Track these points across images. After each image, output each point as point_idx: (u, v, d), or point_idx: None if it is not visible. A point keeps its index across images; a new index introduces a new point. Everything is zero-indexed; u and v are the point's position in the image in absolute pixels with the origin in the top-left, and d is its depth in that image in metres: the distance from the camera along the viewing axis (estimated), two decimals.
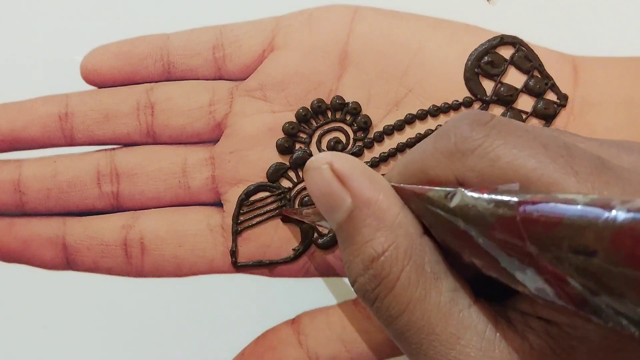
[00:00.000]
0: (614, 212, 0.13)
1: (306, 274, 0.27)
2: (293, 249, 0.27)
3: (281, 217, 0.27)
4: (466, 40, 0.28)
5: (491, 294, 0.17)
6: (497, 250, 0.15)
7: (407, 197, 0.18)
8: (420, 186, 0.18)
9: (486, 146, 0.16)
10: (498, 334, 0.17)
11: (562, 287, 0.14)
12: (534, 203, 0.14)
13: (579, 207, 0.13)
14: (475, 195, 0.15)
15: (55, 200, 0.28)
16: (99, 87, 0.28)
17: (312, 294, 0.27)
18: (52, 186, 0.28)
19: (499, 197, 0.15)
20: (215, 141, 0.28)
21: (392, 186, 0.19)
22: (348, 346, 0.27)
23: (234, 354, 0.27)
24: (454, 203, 0.16)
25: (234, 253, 0.27)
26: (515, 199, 0.15)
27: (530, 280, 0.15)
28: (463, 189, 0.16)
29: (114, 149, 0.28)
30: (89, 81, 0.28)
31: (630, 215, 0.12)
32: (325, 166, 0.19)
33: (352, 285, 0.18)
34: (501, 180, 0.16)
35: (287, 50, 0.28)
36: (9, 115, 0.28)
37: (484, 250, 0.15)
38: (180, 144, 0.28)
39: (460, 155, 0.17)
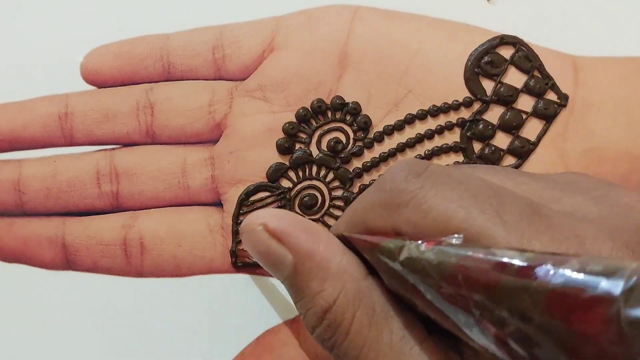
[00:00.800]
0: (547, 275, 0.12)
1: None
2: None
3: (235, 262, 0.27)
4: (466, 40, 0.28)
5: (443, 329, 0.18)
6: (445, 305, 0.15)
7: (361, 247, 0.18)
8: (372, 237, 0.18)
9: (419, 198, 0.17)
10: None
11: (506, 349, 0.14)
12: (473, 260, 0.14)
13: (516, 266, 0.13)
14: (422, 248, 0.16)
15: (55, 200, 0.28)
16: (99, 87, 0.28)
17: None
18: (52, 186, 0.28)
19: (443, 251, 0.15)
20: (215, 141, 0.28)
21: (347, 236, 0.19)
22: None
23: (234, 354, 0.27)
24: (402, 256, 0.16)
25: (234, 253, 0.27)
26: (456, 255, 0.15)
27: (477, 337, 0.15)
28: (410, 242, 0.16)
29: (113, 149, 0.28)
30: (89, 81, 0.28)
31: (562, 279, 0.12)
32: (260, 227, 0.19)
33: (312, 334, 0.19)
34: (434, 232, 0.16)
35: (287, 50, 0.28)
36: (9, 115, 0.28)
37: (433, 305, 0.16)
38: (179, 144, 0.28)
39: (396, 207, 0.17)
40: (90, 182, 0.28)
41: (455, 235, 0.16)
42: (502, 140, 0.28)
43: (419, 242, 0.16)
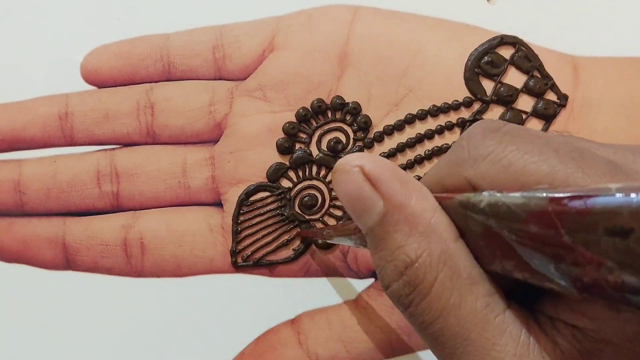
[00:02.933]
0: None
1: (306, 274, 0.27)
2: (293, 249, 0.27)
3: (295, 237, 0.27)
4: (466, 40, 0.28)
5: (519, 298, 0.17)
6: (528, 248, 0.15)
7: (441, 203, 0.18)
8: (448, 194, 0.18)
9: (498, 152, 0.16)
10: (532, 339, 0.16)
11: (599, 273, 0.14)
12: (565, 194, 0.14)
13: (611, 193, 0.13)
14: (505, 192, 0.15)
15: (55, 200, 0.28)
16: (99, 87, 0.28)
17: (312, 294, 0.27)
18: (52, 186, 0.28)
19: (530, 193, 0.15)
20: (215, 141, 0.28)
21: None
22: (348, 346, 0.27)
23: (234, 354, 0.27)
24: (483, 203, 0.16)
25: (234, 253, 0.27)
26: (545, 194, 0.15)
27: (563, 276, 0.14)
28: (492, 190, 0.16)
29: (113, 149, 0.28)
30: (89, 81, 0.28)
31: None
32: (356, 169, 0.18)
33: (385, 290, 0.18)
34: (514, 187, 0.16)
35: (287, 50, 0.28)
36: (9, 115, 0.28)
37: (515, 251, 0.15)
38: (180, 144, 0.28)
39: (472, 162, 0.17)
40: (90, 182, 0.28)
41: (541, 186, 0.15)
42: None
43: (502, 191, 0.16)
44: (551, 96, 0.28)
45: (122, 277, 0.27)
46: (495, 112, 0.28)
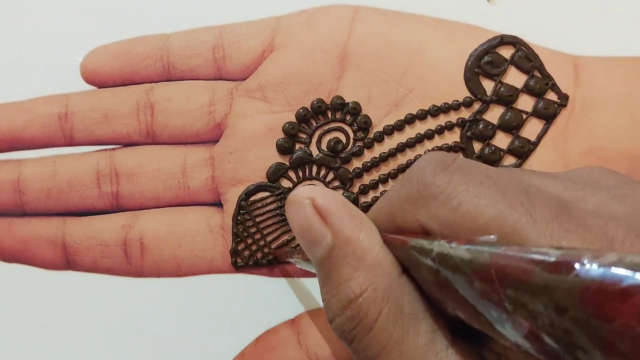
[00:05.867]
0: (583, 268, 0.12)
1: (306, 274, 0.27)
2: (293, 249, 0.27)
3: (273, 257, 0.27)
4: (466, 40, 0.28)
5: (469, 331, 0.17)
6: (477, 300, 0.15)
7: (391, 244, 0.18)
8: (402, 236, 0.18)
9: (448, 193, 0.16)
10: None
11: (539, 343, 0.14)
12: (507, 256, 0.14)
13: (551, 261, 0.13)
14: (453, 244, 0.15)
15: (55, 200, 0.28)
16: (99, 87, 0.28)
17: (312, 294, 0.27)
18: (52, 186, 0.28)
19: (475, 248, 0.15)
20: (215, 141, 0.28)
21: None
22: None
23: (234, 354, 0.27)
24: (433, 253, 0.16)
25: (234, 253, 0.27)
26: (489, 251, 0.14)
27: (509, 334, 0.14)
28: (441, 240, 0.16)
29: (113, 149, 0.28)
30: (89, 81, 0.28)
31: (600, 272, 0.12)
32: (307, 201, 0.19)
33: (330, 323, 0.18)
34: (463, 229, 0.16)
35: (287, 50, 0.28)
36: (9, 115, 0.28)
37: (466, 301, 0.15)
38: (180, 144, 0.28)
39: (424, 202, 0.17)
40: (90, 183, 0.28)
41: (490, 237, 0.15)
42: (502, 140, 0.28)
43: (451, 242, 0.16)
44: (552, 96, 0.28)
45: (122, 277, 0.27)
46: (495, 112, 0.28)
